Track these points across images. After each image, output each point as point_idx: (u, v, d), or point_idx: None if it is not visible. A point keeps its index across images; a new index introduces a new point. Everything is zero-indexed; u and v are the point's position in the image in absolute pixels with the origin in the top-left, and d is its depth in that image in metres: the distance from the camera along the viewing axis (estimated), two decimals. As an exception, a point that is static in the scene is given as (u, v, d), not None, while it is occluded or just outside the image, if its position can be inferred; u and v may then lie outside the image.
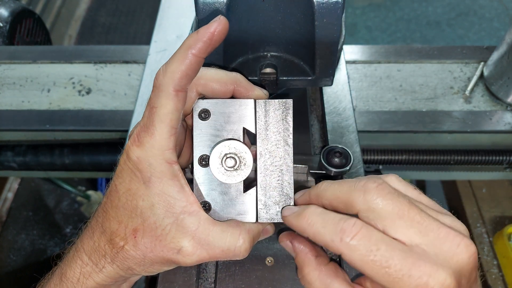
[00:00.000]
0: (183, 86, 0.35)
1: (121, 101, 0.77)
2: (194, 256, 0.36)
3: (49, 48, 0.96)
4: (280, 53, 0.50)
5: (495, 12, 2.33)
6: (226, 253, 0.36)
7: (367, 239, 0.29)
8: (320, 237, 0.32)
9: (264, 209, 0.39)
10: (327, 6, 0.43)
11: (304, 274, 0.36)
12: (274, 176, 0.39)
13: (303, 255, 0.37)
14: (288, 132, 0.39)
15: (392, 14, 2.37)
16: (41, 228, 1.53)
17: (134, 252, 0.36)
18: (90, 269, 0.37)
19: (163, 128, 0.34)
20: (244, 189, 0.40)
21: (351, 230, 0.30)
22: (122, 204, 0.36)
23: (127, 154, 0.36)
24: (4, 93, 0.80)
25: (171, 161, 0.35)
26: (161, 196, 0.35)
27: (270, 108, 0.39)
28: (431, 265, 0.28)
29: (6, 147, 0.81)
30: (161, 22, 0.84)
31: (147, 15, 2.31)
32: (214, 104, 0.39)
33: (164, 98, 0.34)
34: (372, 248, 0.29)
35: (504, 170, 0.80)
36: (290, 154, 0.39)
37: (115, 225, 0.36)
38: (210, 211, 0.39)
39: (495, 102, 0.74)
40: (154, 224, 0.35)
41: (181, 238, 0.35)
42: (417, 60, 0.79)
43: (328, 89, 0.65)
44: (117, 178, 0.37)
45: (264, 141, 0.39)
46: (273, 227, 0.42)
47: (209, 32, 0.34)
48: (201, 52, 0.34)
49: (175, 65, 0.34)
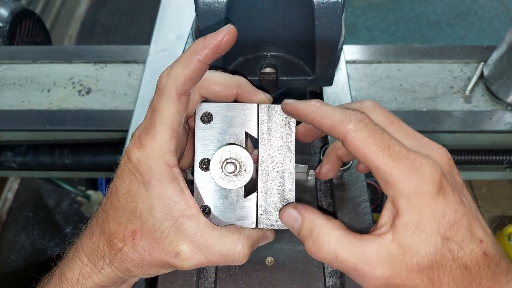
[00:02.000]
0: (186, 90, 0.34)
1: (121, 101, 0.77)
2: (192, 260, 0.35)
3: (49, 48, 0.96)
4: (280, 53, 0.50)
5: (495, 12, 2.33)
6: (225, 258, 0.36)
7: (373, 124, 0.32)
8: (328, 119, 0.33)
9: (265, 215, 0.39)
10: (327, 6, 0.43)
11: (315, 236, 0.34)
12: (275, 182, 0.39)
13: (311, 217, 0.35)
14: (290, 138, 0.39)
15: (392, 14, 2.37)
16: (41, 228, 1.53)
17: (132, 254, 0.36)
18: (89, 270, 0.37)
19: (164, 131, 0.34)
20: (245, 194, 0.39)
21: (359, 115, 0.33)
22: (122, 205, 0.36)
23: (128, 155, 0.36)
24: (4, 93, 0.80)
25: (171, 164, 0.35)
26: (161, 199, 0.35)
27: (273, 113, 0.39)
28: (421, 154, 0.32)
29: (6, 147, 0.81)
30: (161, 22, 0.84)
31: (147, 15, 2.31)
32: (216, 108, 0.39)
33: (166, 101, 0.34)
34: (377, 131, 0.32)
35: (504, 170, 0.80)
36: (292, 160, 0.39)
37: (114, 226, 0.36)
38: (210, 215, 0.39)
39: (495, 101, 0.74)
40: (153, 226, 0.35)
41: (179, 242, 0.35)
42: (417, 60, 0.79)
43: (328, 89, 0.65)
44: (117, 179, 0.37)
45: (266, 146, 0.39)
46: (273, 233, 0.42)
47: (216, 39, 0.34)
48: (207, 58, 0.34)
49: (179, 69, 0.34)
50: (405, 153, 0.31)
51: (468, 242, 0.31)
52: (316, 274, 0.48)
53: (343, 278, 0.47)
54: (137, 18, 2.32)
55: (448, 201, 0.31)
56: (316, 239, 0.34)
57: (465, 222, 0.31)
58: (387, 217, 0.33)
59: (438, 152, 0.33)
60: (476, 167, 0.79)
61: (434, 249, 0.30)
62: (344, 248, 0.33)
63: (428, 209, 0.30)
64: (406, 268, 0.31)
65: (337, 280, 0.47)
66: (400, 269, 0.31)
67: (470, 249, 0.30)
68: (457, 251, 0.30)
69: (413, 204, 0.31)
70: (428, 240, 0.30)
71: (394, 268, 0.31)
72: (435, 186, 0.30)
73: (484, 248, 0.31)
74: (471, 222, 0.31)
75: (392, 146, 0.31)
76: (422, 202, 0.31)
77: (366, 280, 0.32)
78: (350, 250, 0.33)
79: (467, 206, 0.32)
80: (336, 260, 0.33)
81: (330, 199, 0.54)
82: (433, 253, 0.30)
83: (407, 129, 0.35)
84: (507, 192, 1.00)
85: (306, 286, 0.47)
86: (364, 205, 0.51)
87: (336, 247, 0.33)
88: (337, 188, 0.53)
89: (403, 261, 0.31)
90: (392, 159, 0.31)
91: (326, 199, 0.54)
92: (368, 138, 0.31)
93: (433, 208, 0.30)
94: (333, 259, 0.33)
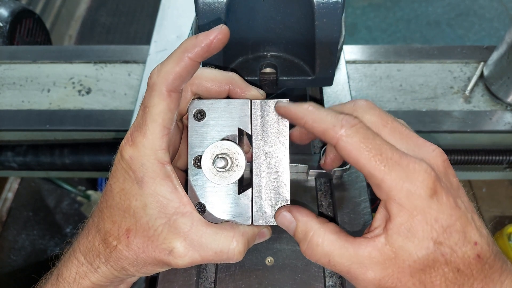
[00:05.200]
0: (177, 87, 0.34)
1: (121, 101, 0.77)
2: (186, 257, 0.35)
3: (49, 48, 0.96)
4: (280, 53, 0.50)
5: (495, 12, 2.33)
6: (219, 255, 0.36)
7: (365, 129, 0.32)
8: (320, 124, 0.33)
9: (260, 212, 0.39)
10: (327, 6, 0.43)
11: (309, 239, 0.35)
12: (270, 178, 0.39)
13: (305, 220, 0.36)
14: (284, 133, 0.39)
15: (392, 14, 2.37)
16: (41, 228, 1.53)
17: (127, 252, 0.36)
18: (86, 269, 0.37)
19: (155, 128, 0.34)
20: (241, 191, 0.39)
21: (351, 120, 0.32)
22: (116, 203, 0.36)
23: (121, 153, 0.36)
24: (4, 93, 0.80)
25: (164, 161, 0.35)
26: (154, 196, 0.35)
27: (266, 109, 0.39)
28: (415, 158, 0.31)
29: (6, 147, 0.81)
30: (161, 22, 0.84)
31: (147, 15, 2.31)
32: (209, 105, 0.39)
33: (156, 98, 0.34)
34: (369, 136, 0.32)
35: (504, 170, 0.80)
36: (286, 156, 0.39)
37: (109, 224, 0.36)
38: (205, 212, 0.39)
39: (495, 102, 0.74)
40: (146, 224, 0.35)
41: (173, 239, 0.35)
42: (417, 60, 0.79)
43: (328, 89, 0.65)
44: (111, 178, 0.37)
45: (260, 142, 0.39)
46: (270, 230, 0.42)
47: (208, 39, 0.34)
48: (198, 56, 0.34)
49: (169, 66, 0.34)
50: (397, 159, 0.31)
51: (461, 245, 0.31)
52: (316, 274, 0.48)
53: (343, 278, 0.47)
54: (137, 18, 2.32)
55: (441, 206, 0.31)
56: (310, 242, 0.35)
57: (459, 226, 0.31)
58: (380, 220, 0.33)
59: (433, 154, 0.33)
60: (476, 167, 0.79)
61: (426, 252, 0.30)
62: (337, 251, 0.33)
63: (421, 213, 0.31)
64: (398, 271, 0.31)
65: (337, 280, 0.47)
66: (392, 271, 0.31)
67: (463, 252, 0.31)
68: (450, 255, 0.30)
69: (405, 209, 0.31)
70: (420, 244, 0.31)
71: (386, 270, 0.31)
72: (428, 191, 0.30)
73: (478, 250, 0.31)
74: (466, 225, 0.31)
75: (384, 152, 0.31)
76: (414, 207, 0.31)
77: (359, 282, 0.33)
78: (343, 253, 0.33)
79: (462, 208, 0.32)
80: (329, 263, 0.34)
81: (330, 199, 0.54)
82: (425, 257, 0.31)
83: (402, 130, 0.34)
84: (507, 192, 1.00)
85: (306, 286, 0.47)
86: (364, 205, 0.51)
87: (329, 250, 0.34)
88: (337, 188, 0.53)
89: (395, 264, 0.31)
90: (384, 165, 0.31)
91: (326, 199, 0.54)
92: (360, 143, 0.31)
93: (425, 213, 0.30)
94: (326, 262, 0.34)
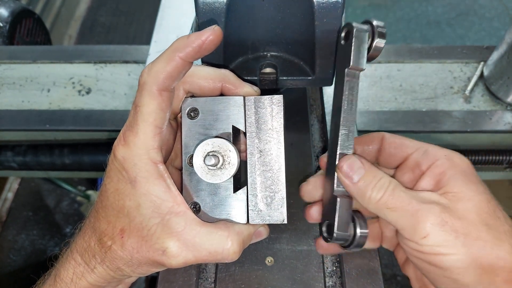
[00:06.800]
0: (167, 86, 0.34)
1: (121, 101, 0.77)
2: (180, 257, 0.35)
3: (49, 48, 0.96)
4: (280, 53, 0.50)
5: (495, 12, 2.33)
6: (214, 255, 0.35)
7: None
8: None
9: (255, 210, 0.38)
10: (327, 6, 0.43)
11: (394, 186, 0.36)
12: (265, 176, 0.38)
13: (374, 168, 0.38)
14: (279, 129, 0.38)
15: (392, 14, 2.36)
16: (41, 228, 1.53)
17: (121, 252, 0.35)
18: (82, 269, 0.37)
19: (146, 127, 0.34)
20: (236, 189, 0.39)
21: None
22: (111, 204, 0.36)
23: (114, 153, 0.35)
24: (4, 93, 0.80)
25: (156, 160, 0.35)
26: (147, 196, 0.35)
27: (260, 105, 0.38)
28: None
29: (6, 147, 0.81)
30: (161, 22, 0.84)
31: (147, 15, 2.31)
32: (202, 103, 0.38)
33: (147, 97, 0.34)
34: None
35: (504, 170, 0.80)
36: (282, 152, 0.38)
37: (104, 225, 0.36)
38: (200, 212, 0.38)
39: (495, 102, 0.74)
40: (140, 224, 0.35)
41: (166, 239, 0.34)
42: (417, 60, 0.79)
43: (328, 89, 0.65)
44: (106, 178, 0.37)
45: (255, 140, 0.38)
46: (267, 229, 0.41)
47: (200, 39, 0.34)
48: (189, 56, 0.34)
49: (160, 65, 0.34)
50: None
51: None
52: (316, 274, 0.48)
53: (343, 278, 0.47)
54: (137, 18, 2.32)
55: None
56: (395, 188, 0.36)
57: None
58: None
59: None
60: (476, 167, 0.79)
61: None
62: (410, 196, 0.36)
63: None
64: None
65: (337, 280, 0.47)
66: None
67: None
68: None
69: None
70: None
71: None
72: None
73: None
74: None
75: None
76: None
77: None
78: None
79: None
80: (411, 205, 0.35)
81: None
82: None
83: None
84: (507, 192, 0.99)
85: (306, 286, 0.47)
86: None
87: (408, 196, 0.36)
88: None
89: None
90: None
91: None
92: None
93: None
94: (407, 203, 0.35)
